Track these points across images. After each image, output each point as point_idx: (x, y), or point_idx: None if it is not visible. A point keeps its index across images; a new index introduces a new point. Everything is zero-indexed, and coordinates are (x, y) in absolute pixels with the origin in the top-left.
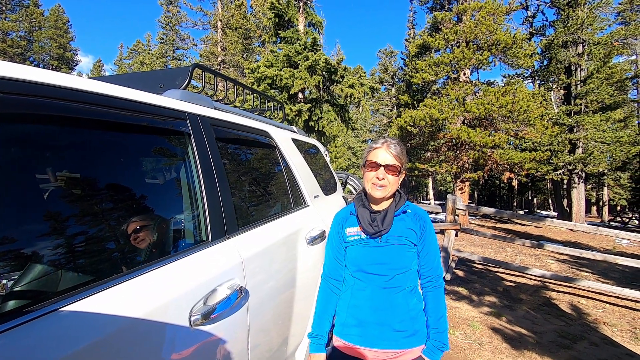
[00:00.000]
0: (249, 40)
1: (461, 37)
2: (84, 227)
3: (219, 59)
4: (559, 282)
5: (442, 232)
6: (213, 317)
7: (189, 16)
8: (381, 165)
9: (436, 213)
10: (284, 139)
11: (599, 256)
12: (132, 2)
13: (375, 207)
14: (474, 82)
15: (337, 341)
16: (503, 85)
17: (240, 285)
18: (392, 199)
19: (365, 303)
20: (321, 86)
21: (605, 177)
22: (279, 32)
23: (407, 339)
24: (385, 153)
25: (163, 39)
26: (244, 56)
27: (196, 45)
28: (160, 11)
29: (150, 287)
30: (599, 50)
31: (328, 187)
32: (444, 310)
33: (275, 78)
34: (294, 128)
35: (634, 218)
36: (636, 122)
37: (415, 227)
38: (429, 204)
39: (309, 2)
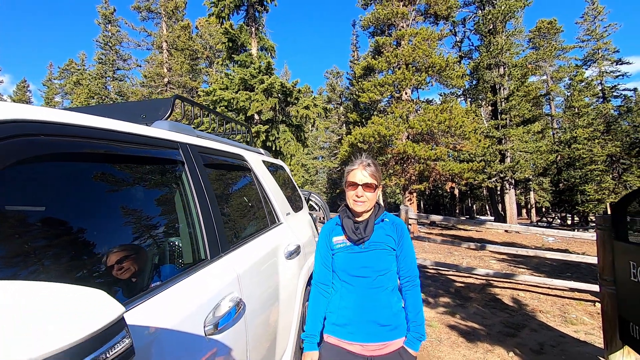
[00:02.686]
0: (195, 61)
1: (401, 59)
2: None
3: (165, 79)
4: (501, 279)
5: None
6: (221, 328)
7: (130, 36)
8: (359, 185)
9: None
10: (256, 161)
11: (531, 252)
12: (60, 20)
13: (357, 218)
14: (415, 100)
15: (329, 338)
16: (440, 103)
17: (239, 298)
18: (372, 210)
19: (353, 303)
20: (277, 108)
21: (531, 182)
22: (232, 55)
23: (391, 332)
24: (361, 174)
25: (102, 59)
26: (191, 77)
27: (140, 66)
28: (97, 30)
29: (172, 302)
30: (517, 71)
31: (296, 205)
32: (421, 306)
33: (232, 101)
34: (261, 150)
35: (556, 217)
36: (551, 132)
37: (393, 234)
38: None
39: (260, 27)
